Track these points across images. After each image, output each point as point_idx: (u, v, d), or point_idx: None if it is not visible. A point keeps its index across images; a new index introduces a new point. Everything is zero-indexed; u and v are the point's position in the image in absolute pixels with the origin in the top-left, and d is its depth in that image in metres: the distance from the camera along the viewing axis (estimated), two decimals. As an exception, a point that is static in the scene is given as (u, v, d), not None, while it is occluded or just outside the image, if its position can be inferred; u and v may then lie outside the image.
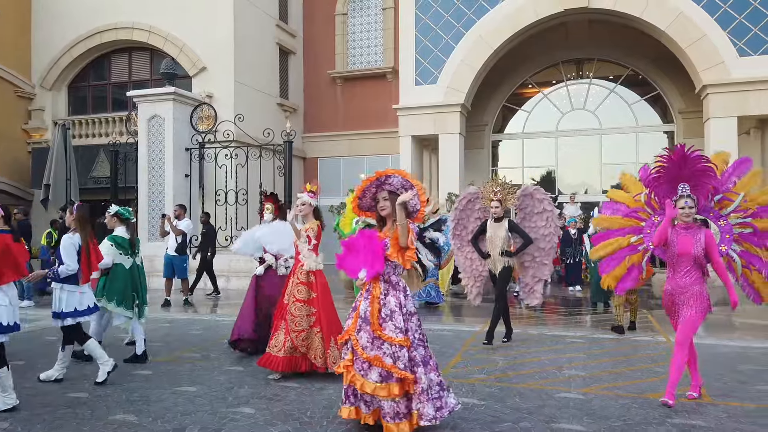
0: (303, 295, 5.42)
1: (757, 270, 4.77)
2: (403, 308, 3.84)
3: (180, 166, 14.16)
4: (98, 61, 18.88)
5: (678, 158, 4.58)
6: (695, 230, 4.44)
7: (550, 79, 18.90)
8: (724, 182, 4.90)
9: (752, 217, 4.80)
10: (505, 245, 6.75)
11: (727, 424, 4.13)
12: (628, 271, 5.40)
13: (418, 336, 3.88)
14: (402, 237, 3.79)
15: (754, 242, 4.78)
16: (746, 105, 13.89)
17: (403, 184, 3.90)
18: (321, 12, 20.02)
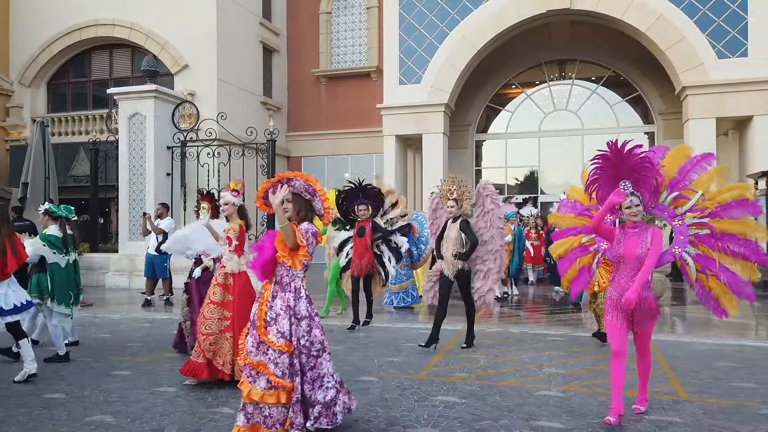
0: (218, 297, 5.21)
1: (714, 275, 4.30)
2: (291, 311, 3.64)
3: (161, 165, 14.02)
4: (78, 58, 18.63)
5: (614, 155, 4.19)
6: (643, 230, 4.08)
7: (533, 79, 19.04)
8: (682, 178, 4.49)
9: (710, 217, 4.36)
10: (457, 246, 6.45)
11: (703, 420, 4.19)
12: (578, 274, 5.12)
13: (304, 342, 3.65)
14: (287, 239, 3.60)
15: (711, 245, 4.32)
16: (724, 106, 14.12)
17: (306, 187, 3.78)
18: (305, 10, 19.96)
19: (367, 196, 7.74)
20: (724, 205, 4.35)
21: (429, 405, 4.55)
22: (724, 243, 4.28)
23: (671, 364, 5.84)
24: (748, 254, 4.26)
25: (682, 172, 4.50)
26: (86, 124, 17.88)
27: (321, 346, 3.71)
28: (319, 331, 3.72)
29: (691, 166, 4.53)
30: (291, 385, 3.55)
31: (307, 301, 3.71)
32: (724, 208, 4.35)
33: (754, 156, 14.07)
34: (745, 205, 4.34)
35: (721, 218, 4.34)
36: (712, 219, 4.35)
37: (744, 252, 4.26)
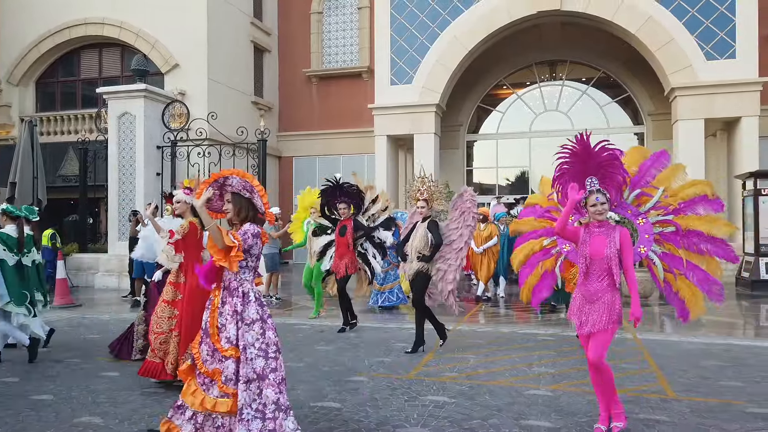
0: (169, 296, 5.14)
1: (682, 274, 4.17)
2: (238, 316, 3.51)
3: (151, 165, 13.94)
4: (67, 57, 18.50)
5: (582, 150, 3.99)
6: (610, 229, 3.82)
7: (523, 80, 19.11)
8: (643, 175, 4.38)
9: (674, 214, 4.25)
10: (422, 247, 6.30)
11: (691, 419, 4.23)
12: (541, 279, 4.91)
13: (259, 345, 3.49)
14: (216, 241, 3.44)
15: (676, 242, 4.20)
16: (713, 108, 14.25)
17: (243, 185, 3.65)
18: (296, 10, 19.93)
19: (346, 195, 7.59)
20: (687, 201, 4.28)
21: (419, 405, 4.56)
22: (690, 240, 4.18)
23: (659, 363, 5.88)
24: (716, 251, 4.19)
25: (642, 170, 4.41)
26: (75, 123, 17.76)
27: (277, 348, 3.57)
28: (272, 332, 3.57)
29: (651, 164, 4.46)
30: (233, 390, 3.41)
31: (257, 305, 3.56)
32: (688, 204, 4.27)
33: (742, 157, 14.21)
34: (708, 202, 4.28)
35: (685, 215, 4.25)
36: (677, 216, 4.24)
37: (711, 249, 4.18)
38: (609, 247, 3.77)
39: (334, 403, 4.61)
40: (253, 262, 3.59)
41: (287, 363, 5.95)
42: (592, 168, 4.00)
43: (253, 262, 3.60)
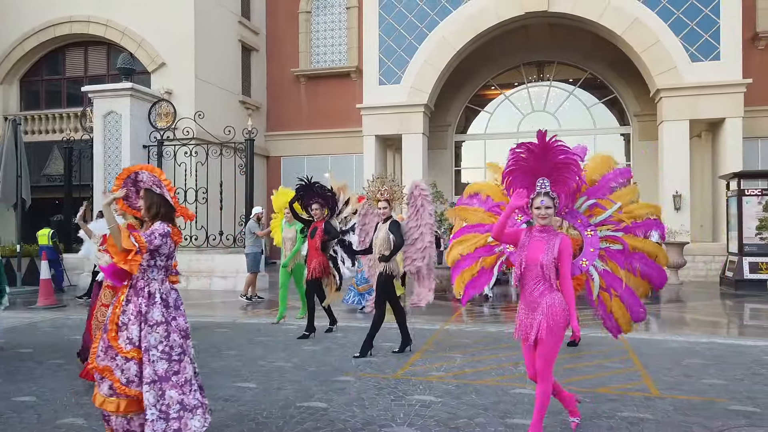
0: (107, 299, 5.12)
1: (618, 296, 3.94)
2: (142, 317, 3.46)
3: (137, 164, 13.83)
4: (52, 55, 18.31)
5: (539, 148, 3.69)
6: (551, 236, 3.58)
7: (511, 81, 19.21)
8: (602, 187, 4.13)
9: (624, 231, 4.01)
10: (384, 248, 6.17)
11: (674, 416, 4.27)
12: (477, 275, 4.56)
13: (162, 348, 3.44)
14: (116, 241, 3.36)
15: (620, 262, 3.94)
16: (698, 109, 14.42)
17: (153, 180, 3.58)
18: (284, 9, 19.87)
19: (319, 195, 7.38)
20: (640, 223, 4.08)
21: (405, 404, 4.56)
22: (633, 261, 3.97)
23: (643, 362, 5.93)
24: (653, 276, 4.07)
25: (603, 181, 4.14)
26: (60, 122, 17.58)
27: (182, 350, 3.50)
28: (177, 335, 3.50)
29: (613, 177, 4.21)
30: (135, 392, 3.36)
31: (163, 306, 3.49)
32: (641, 225, 4.08)
33: (726, 157, 14.38)
34: (656, 226, 4.18)
35: (635, 235, 4.06)
36: (627, 234, 4.02)
37: (650, 273, 4.05)
38: (546, 254, 3.53)
39: (321, 403, 4.60)
40: (163, 261, 3.54)
41: (275, 362, 5.96)
42: (546, 169, 3.72)
43: (163, 262, 3.54)
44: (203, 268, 12.81)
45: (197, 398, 3.52)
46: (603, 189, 4.12)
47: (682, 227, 14.00)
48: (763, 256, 12.17)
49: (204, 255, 13.03)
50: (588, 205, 4.05)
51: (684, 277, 14.03)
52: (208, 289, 12.54)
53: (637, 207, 4.19)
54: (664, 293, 12.14)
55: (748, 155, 15.03)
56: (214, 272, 12.70)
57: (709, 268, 14.37)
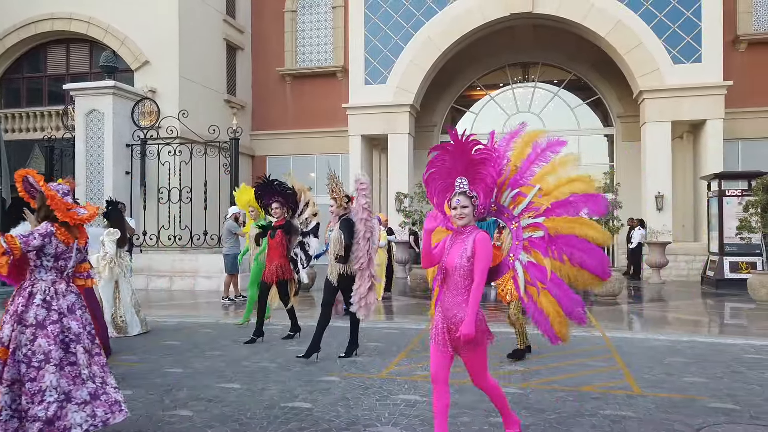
0: None
1: (545, 289, 3.41)
2: (17, 316, 3.44)
3: (120, 163, 13.70)
4: (33, 53, 18.04)
5: (455, 148, 3.43)
6: (467, 235, 3.32)
7: (496, 81, 19.30)
8: (524, 172, 3.61)
9: (545, 215, 3.46)
10: (337, 248, 5.94)
11: (656, 414, 4.32)
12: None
13: (25, 352, 3.41)
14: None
15: (542, 250, 3.42)
16: (680, 110, 14.61)
17: (32, 183, 3.68)
18: (269, 8, 19.78)
19: (280, 194, 7.06)
20: (561, 201, 3.43)
21: (390, 404, 4.56)
22: (559, 246, 3.40)
23: (626, 361, 6.00)
24: (587, 261, 3.37)
25: (526, 165, 3.62)
26: (41, 120, 17.33)
27: (44, 357, 3.41)
28: (45, 341, 3.43)
29: (535, 157, 3.62)
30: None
31: (42, 308, 3.45)
32: (562, 204, 3.43)
33: (707, 158, 14.58)
34: (586, 200, 3.43)
35: (556, 216, 3.44)
36: (547, 218, 3.46)
37: (584, 258, 3.37)
38: (460, 257, 3.28)
39: (305, 403, 4.58)
40: (50, 262, 3.55)
41: (261, 363, 5.92)
42: (463, 167, 3.45)
43: (50, 263, 3.56)
44: (187, 269, 12.70)
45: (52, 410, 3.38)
46: (525, 174, 3.60)
47: (664, 227, 14.17)
48: (743, 256, 12.36)
49: (188, 255, 12.92)
50: (511, 197, 3.58)
51: (666, 276, 14.20)
52: (192, 290, 12.44)
53: (559, 184, 3.51)
54: (647, 292, 12.28)
55: (729, 156, 15.25)
56: (198, 272, 12.60)
57: (691, 268, 14.57)
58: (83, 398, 3.49)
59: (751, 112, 15.85)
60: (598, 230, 3.41)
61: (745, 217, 11.32)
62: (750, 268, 11.87)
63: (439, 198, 3.53)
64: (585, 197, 3.41)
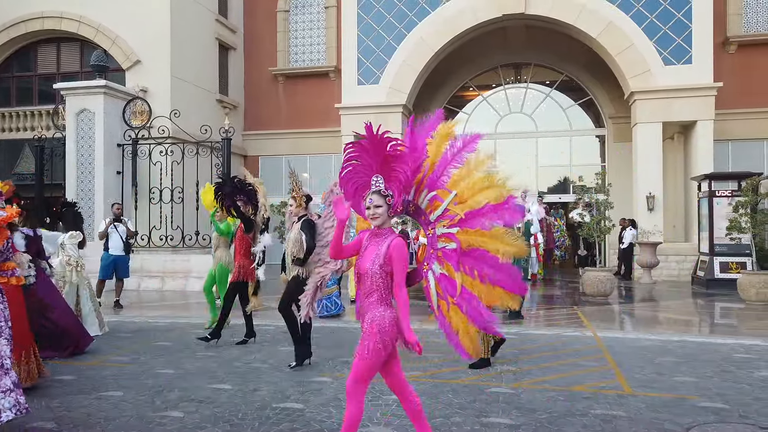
0: None
1: (455, 304, 3.14)
2: None
3: (111, 163, 13.62)
4: (23, 52, 17.89)
5: (369, 144, 3.27)
6: (383, 238, 3.14)
7: (489, 82, 19.35)
8: (441, 172, 3.28)
9: (459, 225, 3.16)
10: (296, 250, 5.70)
11: (646, 414, 4.34)
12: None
13: None
14: None
15: (454, 263, 3.15)
16: (670, 111, 14.69)
17: None
18: (262, 8, 19.72)
19: (241, 192, 6.86)
20: (475, 210, 3.14)
21: (382, 404, 4.56)
22: (470, 262, 3.14)
23: (617, 360, 6.03)
24: (500, 279, 3.12)
25: (442, 165, 3.30)
26: (31, 119, 17.19)
27: None
28: None
29: (452, 157, 3.29)
30: None
31: None
32: (476, 214, 3.14)
33: (698, 159, 14.68)
34: (499, 210, 3.12)
35: (469, 228, 3.16)
36: (462, 228, 3.17)
37: (498, 276, 3.12)
38: (373, 261, 3.10)
39: (297, 403, 4.57)
40: None
41: (252, 363, 5.90)
42: (378, 165, 3.26)
43: None
44: (179, 269, 12.64)
45: None
46: (442, 174, 3.29)
47: (655, 227, 14.25)
48: (733, 256, 12.45)
49: (180, 255, 12.86)
50: (428, 199, 3.30)
51: (657, 276, 14.28)
52: (183, 290, 12.38)
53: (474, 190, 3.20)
54: (638, 292, 12.35)
55: (719, 157, 15.36)
56: (191, 273, 12.55)
57: (681, 268, 14.66)
58: (8, 386, 3.68)
59: (741, 113, 15.97)
60: (511, 244, 3.13)
61: (735, 218, 11.40)
62: (740, 268, 11.96)
63: (355, 198, 3.37)
64: (498, 208, 3.13)
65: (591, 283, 11.04)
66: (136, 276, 12.53)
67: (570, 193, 18.18)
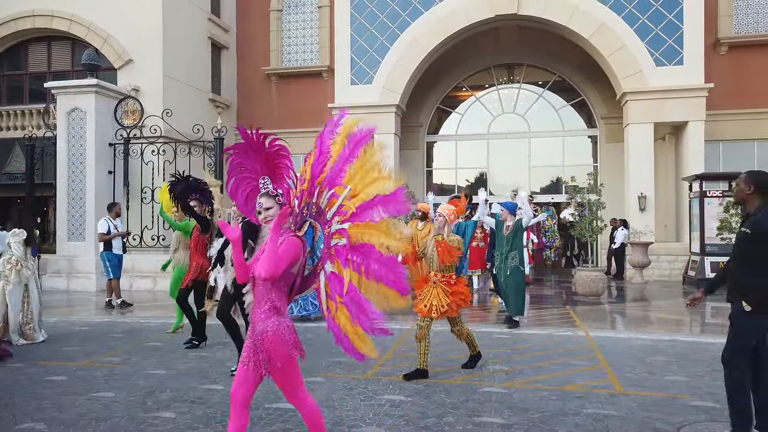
0: None
1: (343, 303, 2.99)
2: None
3: (103, 162, 13.53)
4: (14, 50, 17.75)
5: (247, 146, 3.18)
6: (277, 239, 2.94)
7: (482, 82, 19.38)
8: (339, 170, 3.14)
9: (351, 220, 3.02)
10: None
11: (637, 413, 4.36)
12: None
13: None
14: None
15: (342, 259, 3.00)
16: (662, 112, 14.78)
17: None
18: (255, 7, 19.67)
19: (196, 191, 6.71)
20: (365, 204, 2.99)
21: (375, 404, 4.56)
22: (358, 257, 2.97)
23: (609, 360, 6.05)
24: (384, 275, 2.92)
25: (340, 162, 3.15)
26: (22, 119, 17.05)
27: None
28: None
29: (349, 153, 3.14)
30: None
31: None
32: (366, 207, 2.99)
33: (689, 160, 14.77)
34: (386, 202, 2.95)
35: (360, 222, 3.01)
36: (352, 223, 3.01)
37: (381, 272, 2.92)
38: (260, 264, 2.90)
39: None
40: None
41: (242, 364, 5.87)
42: (261, 166, 3.19)
43: None
44: (146, 269, 12.64)
45: None
46: (340, 171, 3.15)
47: (646, 227, 14.33)
48: (723, 256, 12.51)
49: (172, 255, 12.80)
50: (327, 198, 3.16)
51: (648, 276, 14.35)
52: (176, 290, 12.32)
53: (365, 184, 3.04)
54: (629, 292, 12.40)
55: (710, 158, 15.45)
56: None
57: (673, 268, 14.74)
58: None
59: (732, 114, 16.08)
60: (397, 238, 2.97)
61: (726, 218, 11.49)
62: (730, 268, 12.02)
63: (248, 206, 3.19)
64: (387, 199, 2.96)
65: (583, 283, 11.09)
66: (128, 276, 12.46)
67: (562, 194, 18.24)
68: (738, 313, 3.78)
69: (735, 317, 3.82)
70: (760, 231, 3.67)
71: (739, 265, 3.83)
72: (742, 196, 3.88)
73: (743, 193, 3.85)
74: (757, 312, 3.67)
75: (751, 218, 3.77)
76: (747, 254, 3.77)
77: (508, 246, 7.93)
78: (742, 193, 3.86)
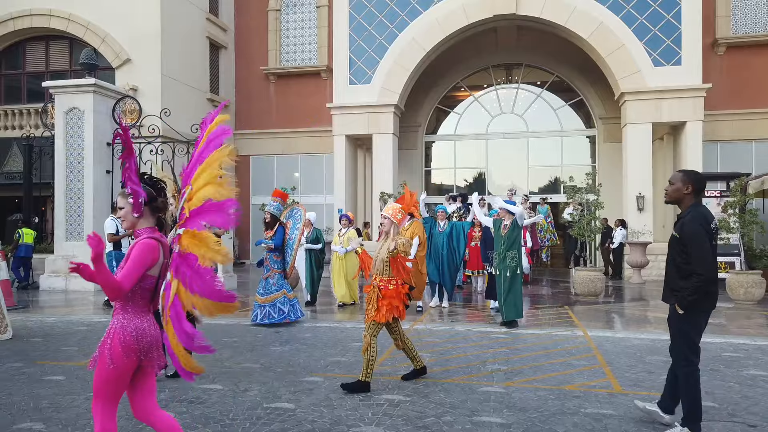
0: None
1: (169, 317, 2.76)
2: None
3: (101, 162, 13.50)
4: (11, 49, 17.75)
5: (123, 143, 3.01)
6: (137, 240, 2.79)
7: (480, 82, 19.40)
8: (191, 168, 2.94)
9: (185, 225, 2.82)
10: None
11: (636, 412, 4.36)
12: None
13: None
14: None
15: (173, 269, 2.79)
16: (660, 112, 14.80)
17: None
18: (253, 7, 19.67)
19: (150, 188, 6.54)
20: (197, 210, 2.80)
21: (374, 404, 4.55)
22: (183, 268, 2.75)
23: (607, 360, 6.06)
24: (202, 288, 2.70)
25: (194, 160, 2.96)
26: (20, 118, 17.05)
27: None
28: None
29: (201, 151, 2.94)
30: None
31: None
32: (197, 213, 2.79)
33: (687, 160, 14.79)
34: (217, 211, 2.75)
35: (190, 228, 2.80)
36: (187, 229, 2.80)
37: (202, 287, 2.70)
38: (121, 268, 2.73)
39: (288, 403, 4.56)
40: None
41: (244, 363, 5.88)
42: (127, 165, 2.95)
43: None
44: None
45: None
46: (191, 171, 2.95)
47: (644, 227, 14.35)
48: (721, 256, 12.53)
49: (170, 255, 12.80)
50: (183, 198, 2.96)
51: (647, 276, 14.37)
52: (174, 290, 12.32)
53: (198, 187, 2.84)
54: (628, 292, 12.42)
55: (708, 158, 15.49)
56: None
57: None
58: None
59: (730, 114, 16.12)
60: (216, 250, 2.71)
61: (724, 218, 11.48)
62: (728, 268, 12.06)
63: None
64: (216, 207, 2.76)
65: (582, 283, 11.10)
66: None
67: (561, 194, 18.26)
68: (673, 315, 3.88)
69: (671, 319, 3.92)
70: (685, 233, 3.68)
71: (673, 268, 3.87)
72: (678, 195, 3.88)
73: (680, 192, 3.85)
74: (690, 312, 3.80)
75: (680, 221, 3.79)
76: (678, 258, 3.81)
77: (506, 245, 7.94)
78: (679, 192, 3.86)
